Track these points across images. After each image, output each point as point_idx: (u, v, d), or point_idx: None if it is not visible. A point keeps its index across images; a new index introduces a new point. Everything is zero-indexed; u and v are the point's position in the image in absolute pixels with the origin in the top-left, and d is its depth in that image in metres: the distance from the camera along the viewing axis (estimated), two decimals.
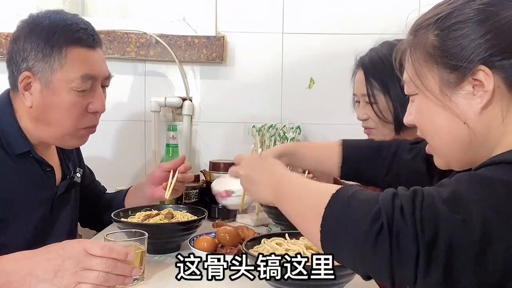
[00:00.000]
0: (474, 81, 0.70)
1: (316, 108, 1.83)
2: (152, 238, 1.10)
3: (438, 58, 0.72)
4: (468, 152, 0.74)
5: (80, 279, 0.80)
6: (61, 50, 1.06)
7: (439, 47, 0.72)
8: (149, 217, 1.17)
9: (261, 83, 1.84)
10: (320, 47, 1.82)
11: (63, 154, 1.26)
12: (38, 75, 1.06)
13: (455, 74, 0.71)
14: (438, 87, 0.73)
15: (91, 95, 1.12)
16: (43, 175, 1.15)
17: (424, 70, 0.74)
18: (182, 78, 1.82)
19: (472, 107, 0.71)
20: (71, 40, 1.07)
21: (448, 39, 0.71)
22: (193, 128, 1.86)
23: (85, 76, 1.08)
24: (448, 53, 0.71)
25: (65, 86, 1.07)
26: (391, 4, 1.78)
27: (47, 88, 1.07)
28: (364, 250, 0.61)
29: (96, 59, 1.12)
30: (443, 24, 0.72)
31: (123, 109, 1.84)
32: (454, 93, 0.72)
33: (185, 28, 1.82)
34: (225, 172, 1.59)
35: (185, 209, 1.25)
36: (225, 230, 1.09)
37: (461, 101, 0.71)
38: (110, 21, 1.80)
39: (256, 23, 1.82)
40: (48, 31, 1.06)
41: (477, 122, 0.71)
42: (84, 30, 1.10)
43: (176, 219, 1.17)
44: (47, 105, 1.07)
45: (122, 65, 1.82)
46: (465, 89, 0.71)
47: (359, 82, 1.36)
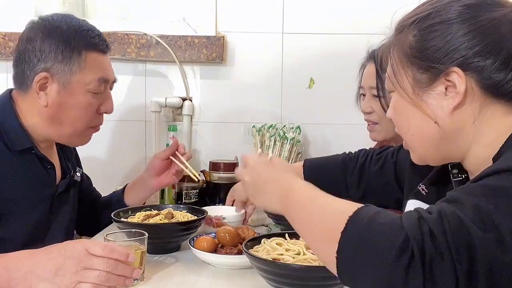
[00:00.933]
0: (447, 82, 0.70)
1: (316, 108, 1.83)
2: (152, 238, 1.10)
3: (413, 58, 0.73)
4: (440, 149, 0.75)
5: (80, 279, 0.80)
6: (80, 53, 1.12)
7: (415, 47, 0.73)
8: (149, 217, 1.17)
9: (261, 83, 1.84)
10: (320, 47, 1.82)
11: (63, 153, 1.28)
12: (56, 76, 1.11)
13: (427, 74, 0.72)
14: (411, 86, 0.74)
15: (102, 97, 1.19)
16: (44, 172, 1.17)
17: (400, 69, 0.75)
18: (182, 78, 1.83)
19: (443, 107, 0.71)
20: (90, 45, 1.14)
21: (424, 40, 0.72)
22: (193, 128, 1.87)
23: (101, 79, 1.16)
24: (422, 54, 0.72)
25: (83, 88, 1.13)
26: (391, 4, 1.78)
27: (65, 89, 1.12)
28: (393, 284, 0.55)
29: (108, 63, 1.20)
30: (422, 24, 0.73)
31: (124, 109, 1.84)
32: (426, 93, 0.73)
33: (185, 28, 1.82)
34: (225, 172, 1.61)
35: (185, 209, 1.26)
36: (225, 230, 1.09)
37: (432, 101, 0.72)
38: (111, 22, 1.80)
39: (256, 23, 1.83)
40: (68, 35, 1.12)
41: (448, 122, 0.72)
42: (99, 36, 1.17)
43: (176, 219, 1.18)
44: (63, 105, 1.13)
45: (122, 66, 1.82)
46: (437, 89, 0.72)
47: (368, 74, 1.35)
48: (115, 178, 1.82)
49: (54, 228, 1.21)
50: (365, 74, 1.37)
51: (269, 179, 0.82)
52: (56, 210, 1.21)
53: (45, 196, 1.17)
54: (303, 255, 0.89)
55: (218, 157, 1.71)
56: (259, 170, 0.86)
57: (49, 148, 1.22)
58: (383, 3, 1.79)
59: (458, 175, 0.79)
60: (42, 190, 1.16)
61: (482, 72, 0.69)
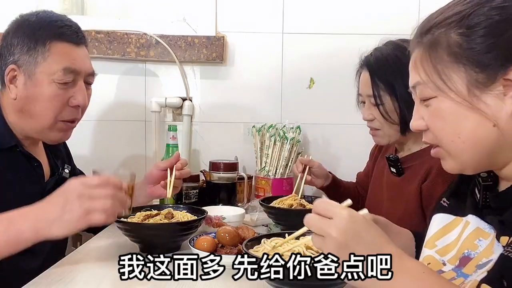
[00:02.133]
0: (505, 81, 0.66)
1: (316, 108, 1.83)
2: (152, 238, 1.10)
3: (465, 58, 0.68)
4: (492, 155, 0.71)
5: (89, 208, 0.83)
6: (45, 43, 1.11)
7: (466, 46, 0.68)
8: (149, 217, 1.17)
9: (261, 83, 1.84)
10: (320, 47, 1.82)
11: (51, 152, 1.28)
12: (23, 67, 1.11)
13: (484, 73, 0.67)
14: (466, 87, 0.69)
15: (73, 89, 1.15)
16: (31, 169, 1.17)
17: (449, 70, 0.70)
18: (182, 78, 1.82)
19: (504, 109, 0.67)
20: (55, 35, 1.12)
21: (476, 37, 0.68)
22: (193, 128, 1.87)
23: (66, 69, 1.13)
24: (476, 52, 0.68)
25: (47, 78, 1.11)
26: (391, 5, 1.79)
27: (30, 80, 1.11)
28: None
29: (79, 54, 1.17)
30: (469, 22, 0.69)
31: (124, 109, 1.84)
32: (484, 93, 0.68)
33: (185, 28, 1.82)
34: (225, 172, 1.60)
35: (185, 209, 1.25)
36: (225, 230, 1.09)
37: (492, 102, 0.67)
38: (110, 21, 1.80)
39: (256, 23, 1.83)
40: (34, 27, 1.12)
41: (508, 124, 0.67)
42: (69, 27, 1.15)
43: (176, 219, 1.17)
44: (29, 96, 1.12)
45: (122, 66, 1.83)
46: (496, 89, 0.67)
47: (364, 82, 1.33)
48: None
49: None
50: (361, 82, 1.36)
51: (368, 243, 0.64)
52: None
53: (33, 193, 1.15)
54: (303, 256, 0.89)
55: (218, 157, 1.70)
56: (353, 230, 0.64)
57: (34, 146, 1.22)
58: (383, 3, 1.79)
59: (488, 179, 0.75)
60: (30, 187, 1.16)
61: None
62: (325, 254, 0.65)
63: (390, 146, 1.42)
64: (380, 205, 1.36)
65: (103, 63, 1.78)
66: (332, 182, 1.56)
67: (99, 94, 1.80)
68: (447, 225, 0.81)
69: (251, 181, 1.74)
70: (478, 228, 0.74)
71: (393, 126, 1.28)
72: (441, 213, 0.83)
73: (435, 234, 0.82)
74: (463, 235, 0.76)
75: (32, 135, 1.18)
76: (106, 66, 1.79)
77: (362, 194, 1.60)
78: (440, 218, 0.83)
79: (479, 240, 0.72)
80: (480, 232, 0.73)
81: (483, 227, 0.73)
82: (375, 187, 1.46)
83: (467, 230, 0.75)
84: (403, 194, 1.26)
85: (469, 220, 0.76)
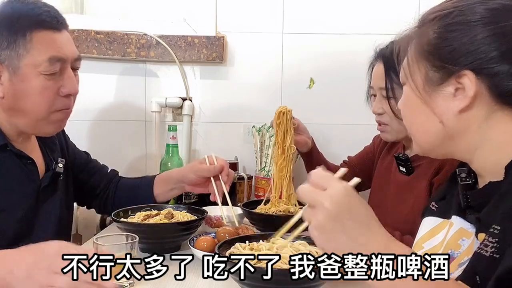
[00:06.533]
0: (458, 83, 0.70)
1: (316, 108, 1.83)
2: (152, 238, 1.10)
3: (428, 55, 0.72)
4: (442, 146, 0.76)
5: (50, 283, 0.76)
6: (25, 35, 1.04)
7: (433, 44, 0.72)
8: (149, 217, 1.17)
9: (261, 83, 1.84)
10: (320, 47, 1.82)
11: (45, 146, 1.24)
12: (6, 63, 1.05)
13: (439, 73, 0.71)
14: (422, 82, 0.74)
15: (61, 78, 1.10)
16: (24, 168, 1.13)
17: (414, 63, 0.75)
18: (182, 78, 1.83)
19: (450, 108, 0.71)
20: (35, 24, 1.06)
21: (442, 38, 0.71)
22: (193, 128, 1.87)
23: (52, 59, 1.07)
24: (438, 52, 0.71)
25: (33, 71, 1.06)
26: (391, 4, 1.79)
27: (16, 75, 1.05)
28: None
29: (62, 40, 1.10)
30: (442, 22, 0.72)
31: (124, 109, 1.84)
32: (435, 92, 0.72)
33: (185, 28, 1.82)
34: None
35: (185, 209, 1.25)
36: (225, 230, 1.09)
37: (440, 101, 0.72)
38: (110, 22, 1.80)
39: (256, 23, 1.83)
40: (11, 19, 1.05)
41: (452, 123, 0.72)
42: (47, 13, 1.08)
43: (176, 219, 1.17)
44: (18, 92, 1.06)
45: (122, 66, 1.83)
46: (447, 90, 0.71)
47: (377, 75, 1.30)
48: None
49: (42, 221, 1.17)
50: (374, 74, 1.33)
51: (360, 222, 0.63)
52: (43, 204, 1.18)
53: (28, 192, 1.14)
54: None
55: None
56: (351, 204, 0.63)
57: (26, 142, 1.18)
58: (383, 3, 1.79)
59: (466, 179, 0.78)
60: (23, 187, 1.13)
61: (495, 78, 0.68)
62: (312, 225, 0.63)
63: (397, 143, 1.41)
64: (386, 202, 1.34)
65: (103, 64, 1.79)
66: (309, 152, 1.53)
67: (100, 94, 1.82)
68: (434, 228, 0.82)
69: (251, 181, 1.75)
70: (461, 228, 0.75)
71: (401, 122, 1.25)
72: (430, 216, 0.85)
73: (422, 237, 0.84)
74: (447, 236, 0.77)
75: (26, 131, 1.14)
76: (106, 66, 1.80)
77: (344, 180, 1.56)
78: (428, 221, 0.84)
79: (462, 240, 0.74)
80: (463, 232, 0.75)
81: (466, 227, 0.75)
82: (380, 184, 1.43)
83: (451, 231, 0.77)
84: (412, 192, 1.24)
85: (453, 221, 0.78)
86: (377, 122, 1.33)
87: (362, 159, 1.57)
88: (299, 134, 1.48)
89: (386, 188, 1.37)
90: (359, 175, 1.53)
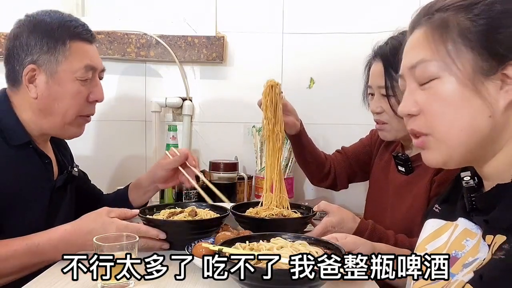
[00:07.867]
0: (503, 76, 0.66)
1: (316, 108, 1.83)
2: (174, 235, 1.12)
3: (474, 42, 0.67)
4: (481, 148, 0.70)
5: None
6: (65, 43, 1.15)
7: (475, 31, 0.67)
8: (173, 215, 1.19)
9: (261, 83, 1.83)
10: (320, 47, 1.82)
11: (58, 150, 1.31)
12: (43, 67, 1.14)
13: (489, 62, 0.66)
14: (472, 70, 0.67)
15: (91, 85, 1.21)
16: (43, 166, 1.19)
17: (458, 51, 0.68)
18: (182, 78, 1.83)
19: (499, 101, 0.66)
20: (74, 35, 1.16)
21: (490, 26, 0.67)
22: (193, 128, 1.87)
23: (87, 67, 1.18)
24: (485, 40, 0.66)
25: (70, 76, 1.16)
26: (391, 4, 1.79)
27: (53, 79, 1.14)
28: None
29: (94, 52, 1.22)
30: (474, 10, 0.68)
31: (124, 109, 1.84)
32: (487, 81, 0.67)
33: (185, 28, 1.82)
34: (225, 172, 1.61)
35: (208, 207, 1.27)
36: (224, 236, 1.08)
37: (492, 91, 0.66)
38: (110, 21, 1.80)
39: (256, 23, 1.83)
40: (51, 27, 1.15)
41: (500, 118, 0.67)
42: (82, 26, 1.19)
43: (200, 216, 1.18)
44: (52, 95, 1.15)
45: (122, 66, 1.83)
46: (495, 81, 0.66)
47: (376, 73, 1.28)
48: (115, 177, 1.82)
49: (54, 222, 1.19)
50: (373, 73, 1.30)
51: None
52: (55, 205, 1.23)
53: (44, 189, 1.19)
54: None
55: (218, 157, 1.71)
56: None
57: (45, 144, 1.25)
58: (383, 2, 1.79)
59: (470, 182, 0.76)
60: (41, 184, 1.18)
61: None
62: None
63: (395, 142, 1.40)
64: (384, 201, 1.34)
65: (103, 63, 1.78)
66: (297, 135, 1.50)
67: None
68: (438, 230, 0.82)
69: (251, 181, 1.75)
70: (466, 229, 0.75)
71: (401, 121, 1.24)
72: (433, 219, 0.84)
73: (425, 238, 0.83)
74: (451, 238, 0.77)
75: (50, 132, 1.22)
76: (106, 66, 1.76)
77: (337, 169, 1.56)
78: (432, 224, 0.84)
79: (466, 240, 0.73)
80: (468, 232, 0.74)
81: (470, 228, 0.74)
82: (378, 183, 1.42)
83: (456, 232, 0.76)
84: (411, 190, 1.24)
85: (458, 223, 0.77)
86: (376, 121, 1.32)
87: (358, 151, 1.55)
88: (287, 115, 1.44)
89: (384, 187, 1.37)
90: (354, 166, 1.55)
